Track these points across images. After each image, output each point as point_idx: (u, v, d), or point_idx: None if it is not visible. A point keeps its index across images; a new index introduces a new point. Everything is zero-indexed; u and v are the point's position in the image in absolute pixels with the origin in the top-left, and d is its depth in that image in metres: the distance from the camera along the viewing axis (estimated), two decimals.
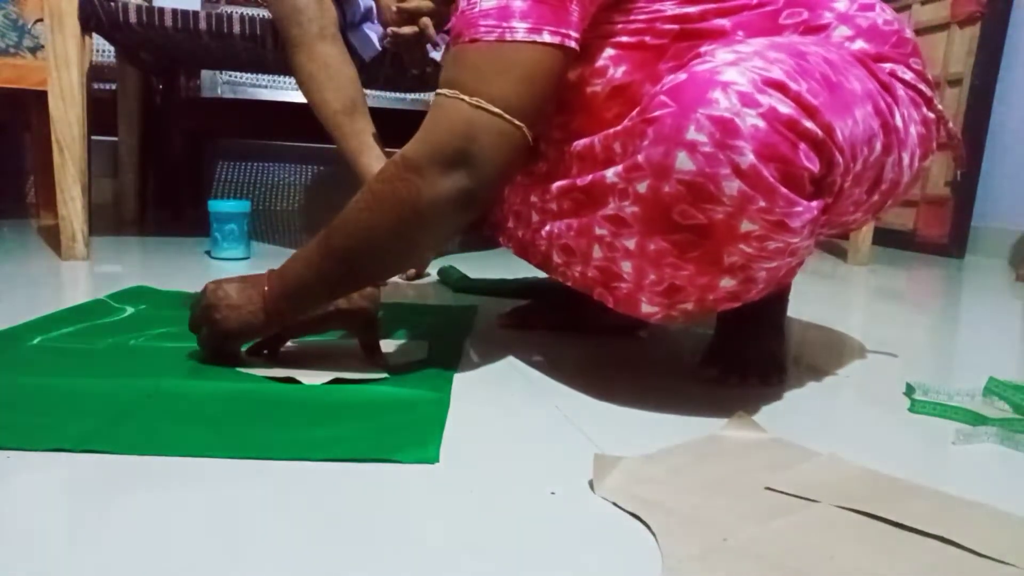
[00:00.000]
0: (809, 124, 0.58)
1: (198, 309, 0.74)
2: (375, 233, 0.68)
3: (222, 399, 0.67)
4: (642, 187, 0.62)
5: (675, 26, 0.67)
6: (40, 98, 1.59)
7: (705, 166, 0.58)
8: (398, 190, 0.66)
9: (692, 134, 0.58)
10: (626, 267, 0.66)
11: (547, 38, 0.64)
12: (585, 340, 0.98)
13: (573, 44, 0.66)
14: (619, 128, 0.66)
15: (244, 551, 0.43)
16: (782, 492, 0.52)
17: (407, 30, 1.28)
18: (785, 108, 0.58)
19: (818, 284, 1.62)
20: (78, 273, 1.31)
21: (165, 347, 0.83)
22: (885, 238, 2.40)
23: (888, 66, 0.71)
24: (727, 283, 0.64)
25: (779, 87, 0.58)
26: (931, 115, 0.74)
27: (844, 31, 0.71)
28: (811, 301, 1.38)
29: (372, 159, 1.40)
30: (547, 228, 0.75)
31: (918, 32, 2.48)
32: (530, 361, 0.87)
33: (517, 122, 0.65)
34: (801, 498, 0.51)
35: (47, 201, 2.09)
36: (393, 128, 1.55)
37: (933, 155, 0.77)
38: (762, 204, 0.58)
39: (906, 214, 2.46)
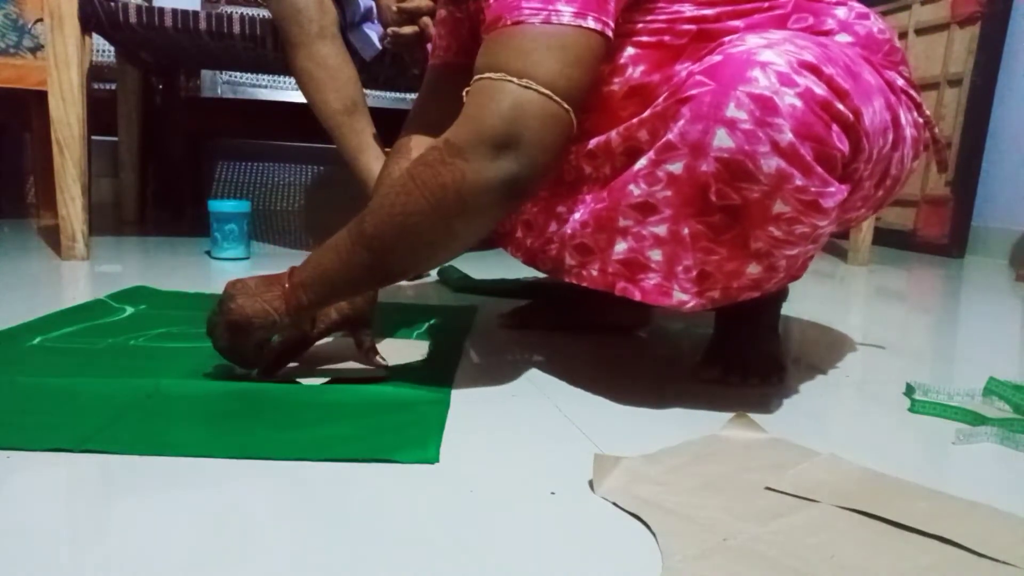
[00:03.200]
0: (841, 107, 0.60)
1: (215, 306, 0.70)
2: (412, 220, 0.63)
3: (222, 399, 0.67)
4: (676, 168, 0.62)
5: (693, 27, 0.68)
6: (40, 98, 1.59)
7: (744, 143, 0.59)
8: (441, 175, 0.62)
9: (732, 111, 0.59)
10: (655, 256, 0.66)
11: (592, 24, 0.62)
12: (585, 340, 0.98)
13: (610, 34, 0.64)
14: (645, 115, 0.66)
15: (244, 551, 0.43)
16: (782, 492, 0.52)
17: (407, 30, 1.28)
18: (820, 90, 0.59)
19: (818, 284, 1.62)
20: (78, 273, 1.31)
21: (165, 347, 0.83)
22: (885, 238, 2.40)
23: None
24: (753, 269, 0.66)
25: (813, 69, 0.60)
26: (920, 120, 0.76)
27: (844, 38, 0.72)
28: (811, 301, 1.38)
29: (372, 159, 1.40)
30: (559, 230, 0.74)
31: (918, 32, 2.48)
32: (530, 361, 0.87)
33: (566, 105, 0.62)
34: (801, 498, 0.51)
35: (47, 201, 2.09)
36: (393, 128, 1.56)
37: (919, 159, 0.79)
38: (799, 183, 0.59)
39: (906, 214, 2.46)
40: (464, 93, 0.66)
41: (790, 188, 0.59)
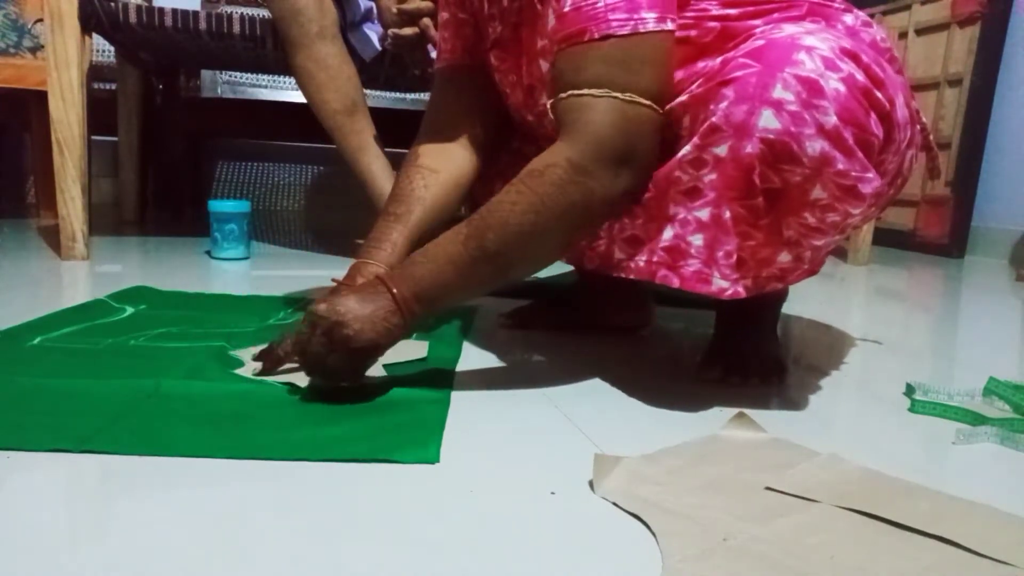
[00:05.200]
0: (879, 95, 0.61)
1: (317, 336, 0.65)
2: (542, 238, 0.66)
3: (222, 399, 0.66)
4: (721, 150, 0.63)
5: (717, 24, 0.68)
6: (40, 98, 1.59)
7: (791, 124, 0.59)
8: (570, 194, 0.64)
9: (779, 92, 0.59)
10: (696, 241, 0.66)
11: (670, 25, 0.65)
12: (585, 340, 0.98)
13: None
14: (682, 100, 0.66)
15: (244, 551, 0.43)
16: (782, 492, 0.52)
17: (408, 31, 1.28)
18: (860, 76, 0.60)
19: (818, 284, 1.62)
20: (78, 273, 1.31)
21: (165, 347, 0.83)
22: (885, 238, 2.40)
23: None
24: (784, 258, 0.67)
25: (853, 57, 0.61)
26: (918, 127, 0.76)
27: None
28: (811, 301, 1.38)
29: (372, 159, 1.40)
30: (607, 225, 0.74)
31: (918, 32, 2.48)
32: (530, 361, 0.87)
33: (661, 111, 0.65)
34: (801, 498, 0.51)
35: (47, 201, 2.09)
36: (393, 128, 1.56)
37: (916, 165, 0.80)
38: (840, 166, 0.60)
39: (906, 214, 2.46)
40: (550, 105, 0.68)
41: (831, 172, 0.60)
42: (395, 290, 0.67)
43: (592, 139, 0.64)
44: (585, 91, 0.64)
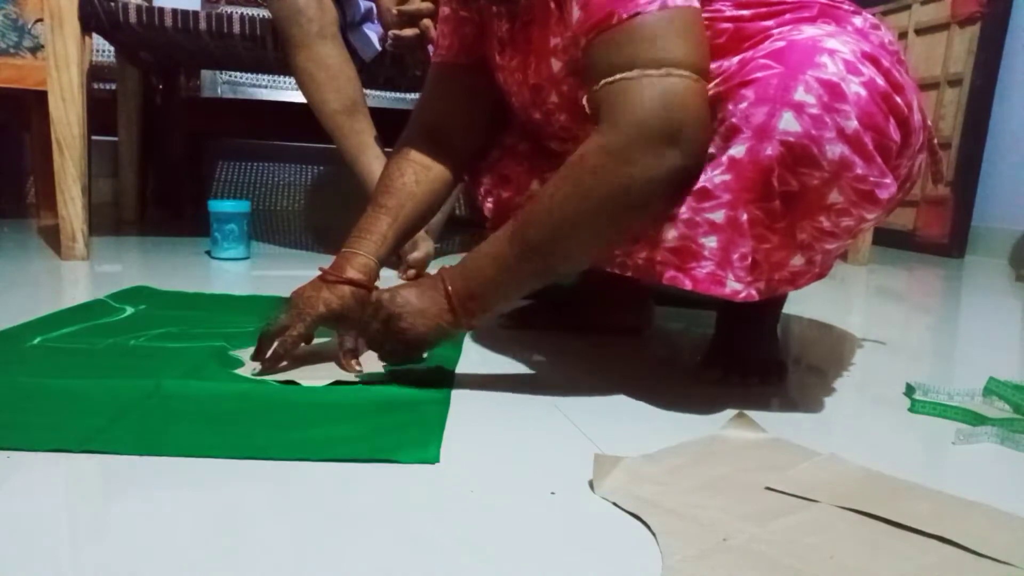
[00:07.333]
0: (898, 100, 0.61)
1: (376, 323, 0.71)
2: (585, 228, 0.64)
3: (222, 399, 0.67)
4: (739, 151, 0.62)
5: (730, 25, 0.68)
6: (40, 98, 1.59)
7: (811, 128, 0.59)
8: (607, 180, 0.62)
9: (801, 95, 0.59)
10: (710, 243, 0.65)
11: (696, 3, 0.64)
12: (585, 340, 0.98)
13: None
14: None
15: (244, 551, 0.43)
16: (782, 492, 0.52)
17: (408, 32, 1.29)
18: (881, 80, 0.60)
19: (818, 284, 1.62)
20: (78, 273, 1.31)
21: (165, 347, 0.83)
22: (885, 238, 2.40)
23: None
24: (797, 261, 0.67)
25: (873, 61, 0.61)
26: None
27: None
28: (811, 301, 1.37)
29: (372, 159, 1.40)
30: None
31: (918, 32, 2.48)
32: (530, 361, 0.87)
33: (703, 80, 0.62)
34: (801, 498, 0.51)
35: (47, 201, 2.09)
36: (393, 128, 1.56)
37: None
38: (859, 171, 0.60)
39: (906, 214, 2.46)
40: (584, 100, 0.66)
41: (849, 176, 0.60)
42: (450, 287, 0.68)
43: (629, 122, 0.61)
44: (619, 76, 0.62)
